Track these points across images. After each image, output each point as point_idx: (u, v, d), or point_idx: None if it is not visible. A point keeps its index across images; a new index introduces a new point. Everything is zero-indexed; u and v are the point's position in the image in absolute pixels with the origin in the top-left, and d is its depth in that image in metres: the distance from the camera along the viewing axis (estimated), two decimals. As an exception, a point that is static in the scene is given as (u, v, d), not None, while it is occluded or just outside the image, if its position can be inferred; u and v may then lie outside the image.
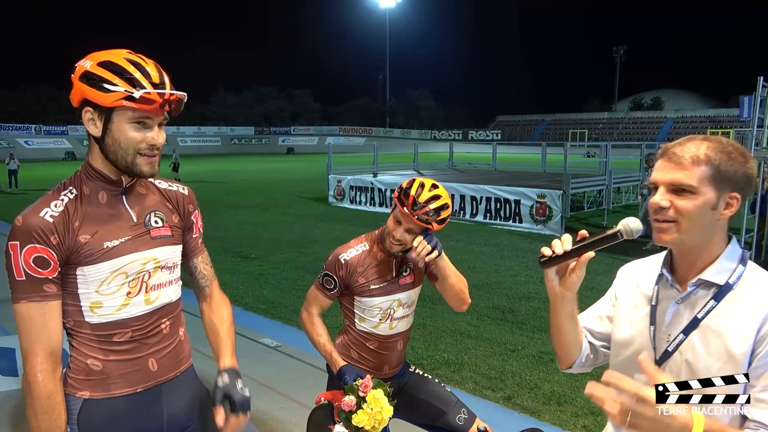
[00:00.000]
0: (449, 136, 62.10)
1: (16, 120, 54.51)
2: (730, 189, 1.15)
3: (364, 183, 14.52)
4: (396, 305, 2.14)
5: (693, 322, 1.18)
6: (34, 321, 1.34)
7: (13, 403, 3.73)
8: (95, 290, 1.40)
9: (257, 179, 23.27)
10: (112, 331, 1.43)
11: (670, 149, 1.18)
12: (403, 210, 1.97)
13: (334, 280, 2.11)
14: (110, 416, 1.44)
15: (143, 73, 1.35)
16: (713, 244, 1.19)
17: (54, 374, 1.36)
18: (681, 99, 75.25)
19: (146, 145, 1.38)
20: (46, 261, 1.33)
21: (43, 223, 1.33)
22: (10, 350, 4.60)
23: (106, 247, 1.39)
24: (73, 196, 1.40)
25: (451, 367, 4.37)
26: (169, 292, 1.53)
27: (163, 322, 1.52)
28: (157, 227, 1.50)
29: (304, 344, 4.79)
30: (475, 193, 11.92)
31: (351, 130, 69.41)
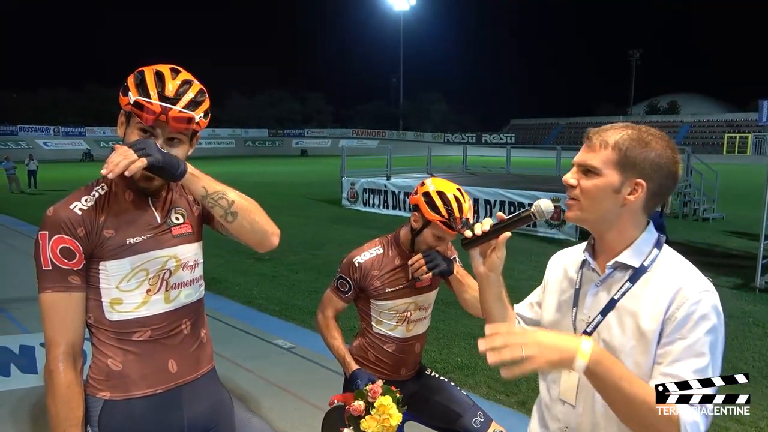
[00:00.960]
0: (463, 139, 61.95)
1: (35, 122, 55.37)
2: (636, 175, 1.18)
3: (377, 186, 14.54)
4: (412, 308, 2.15)
5: (610, 304, 1.22)
6: (58, 311, 1.37)
7: (32, 401, 3.79)
8: (116, 286, 1.42)
9: (270, 181, 23.39)
10: (132, 329, 1.45)
11: (591, 133, 1.24)
12: (450, 231, 1.99)
13: (349, 283, 2.12)
14: (130, 418, 1.44)
15: (159, 84, 1.37)
16: (623, 228, 1.22)
17: (74, 365, 1.39)
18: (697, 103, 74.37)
19: None
20: (72, 252, 1.37)
21: (72, 215, 1.38)
22: (30, 348, 4.67)
23: (129, 243, 1.42)
24: (103, 192, 1.45)
25: (465, 371, 4.36)
26: (190, 292, 1.54)
27: (184, 322, 1.53)
28: (177, 224, 1.52)
29: (318, 346, 4.80)
30: (489, 197, 11.89)
31: (364, 132, 69.51)
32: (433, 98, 79.32)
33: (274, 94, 74.06)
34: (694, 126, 58.82)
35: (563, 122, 68.87)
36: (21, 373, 4.20)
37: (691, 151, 15.09)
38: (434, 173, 17.24)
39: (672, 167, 1.19)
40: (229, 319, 5.43)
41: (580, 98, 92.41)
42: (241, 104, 68.95)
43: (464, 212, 1.98)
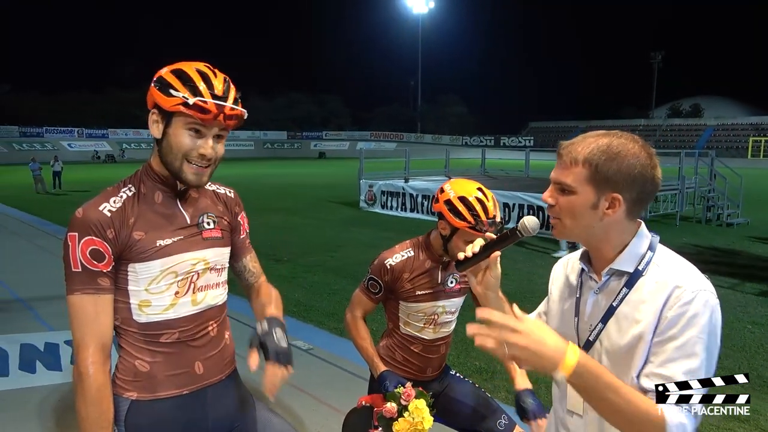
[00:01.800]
0: (481, 141, 61.69)
1: (61, 124, 56.50)
2: (611, 189, 1.16)
3: (395, 188, 14.55)
4: (440, 311, 2.15)
5: (609, 311, 1.21)
6: (87, 313, 1.37)
7: (57, 397, 3.86)
8: (145, 288, 1.43)
9: (289, 183, 23.55)
10: (160, 331, 1.45)
11: (561, 148, 1.22)
12: (479, 234, 1.92)
13: (379, 284, 2.13)
14: (156, 419, 1.46)
15: (207, 83, 1.39)
16: (610, 238, 1.21)
17: (104, 367, 1.39)
18: (721, 106, 73.04)
19: (197, 153, 1.41)
20: (102, 254, 1.37)
21: (101, 216, 1.38)
22: (55, 345, 4.77)
23: (159, 245, 1.42)
24: (131, 194, 1.45)
25: (483, 375, 4.34)
26: (216, 294, 1.55)
27: (210, 324, 1.54)
28: (209, 229, 1.53)
29: (336, 347, 4.84)
30: (508, 200, 11.82)
31: (382, 135, 69.62)
32: (451, 101, 79.16)
33: (292, 96, 74.55)
34: (718, 129, 57.79)
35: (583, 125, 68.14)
36: (46, 370, 4.30)
37: (714, 155, 14.83)
38: (453, 176, 17.18)
39: (648, 173, 1.17)
40: (247, 320, 5.47)
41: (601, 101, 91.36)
42: (260, 107, 69.53)
43: (489, 212, 1.96)
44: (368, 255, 9.03)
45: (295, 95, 75.22)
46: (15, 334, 4.99)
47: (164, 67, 1.44)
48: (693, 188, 13.95)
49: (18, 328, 5.26)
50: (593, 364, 1.08)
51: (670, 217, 13.21)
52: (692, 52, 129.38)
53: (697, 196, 14.23)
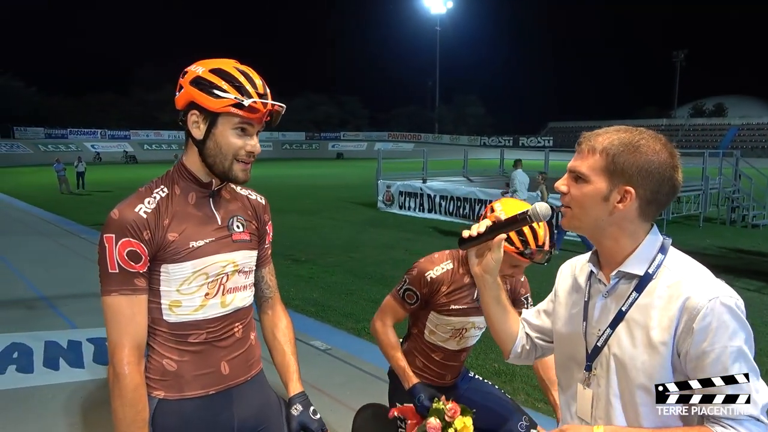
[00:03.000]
0: (499, 142, 61.28)
1: (84, 125, 57.57)
2: (624, 182, 1.13)
3: (413, 189, 14.53)
4: (470, 326, 2.12)
5: (618, 316, 1.18)
6: (124, 314, 1.38)
7: (81, 394, 3.92)
8: (176, 289, 1.44)
9: (307, 184, 23.66)
10: (188, 331, 1.47)
11: (582, 138, 1.20)
12: (526, 260, 1.90)
13: (417, 295, 2.07)
14: (182, 418, 1.47)
15: (251, 82, 1.40)
16: (618, 236, 1.18)
17: (139, 367, 1.40)
18: (746, 105, 71.58)
19: (245, 152, 1.43)
20: (138, 255, 1.38)
21: (138, 218, 1.38)
22: (77, 343, 4.85)
23: (192, 246, 1.43)
24: (164, 195, 1.45)
25: (503, 378, 4.31)
26: (244, 296, 1.56)
27: (236, 326, 1.55)
28: (238, 231, 1.54)
29: (354, 347, 4.84)
30: (528, 200, 11.70)
31: (400, 136, 69.59)
32: (469, 101, 78.79)
33: (311, 98, 74.90)
34: (743, 129, 56.65)
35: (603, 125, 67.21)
36: (69, 367, 4.38)
37: (740, 155, 14.53)
38: (471, 177, 17.11)
39: (667, 172, 1.13)
40: None
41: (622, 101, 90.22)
42: (279, 108, 69.85)
43: (540, 239, 1.88)
44: (386, 256, 9.08)
45: (314, 96, 75.55)
46: (39, 332, 5.09)
47: (193, 65, 1.43)
48: (717, 189, 13.69)
49: (42, 325, 5.36)
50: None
51: (693, 218, 12.98)
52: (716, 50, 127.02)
53: (721, 197, 13.95)
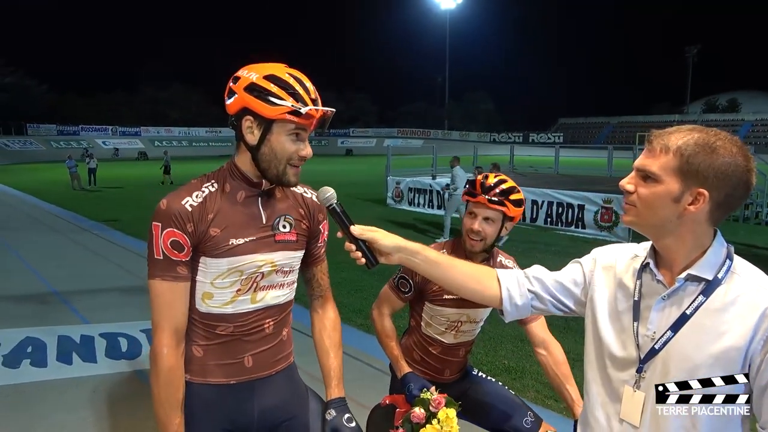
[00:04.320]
0: (509, 138, 61.07)
1: (96, 122, 58.02)
2: (698, 184, 1.11)
3: (422, 185, 14.52)
4: (464, 319, 2.11)
5: (681, 319, 1.15)
6: (165, 298, 1.45)
7: (92, 388, 3.96)
8: (210, 281, 1.49)
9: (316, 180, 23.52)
10: (217, 322, 1.51)
11: (652, 135, 1.18)
12: (473, 199, 1.95)
13: (410, 283, 2.10)
14: (205, 402, 1.53)
15: (304, 89, 1.43)
16: (684, 238, 1.16)
17: (177, 350, 1.47)
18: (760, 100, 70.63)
19: (298, 156, 1.47)
20: (181, 245, 1.44)
21: (183, 210, 1.43)
22: (90, 338, 4.90)
23: (231, 243, 1.47)
24: (214, 190, 1.49)
25: (512, 375, 4.30)
26: (278, 294, 1.58)
27: (267, 322, 1.58)
28: (284, 231, 1.56)
29: (364, 344, 4.84)
30: (536, 197, 11.68)
31: (409, 132, 69.53)
32: (479, 97, 78.57)
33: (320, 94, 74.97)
34: (757, 125, 56.02)
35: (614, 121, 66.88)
36: (82, 361, 4.43)
37: (753, 151, 14.36)
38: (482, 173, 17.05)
39: (742, 176, 1.10)
40: (302, 328, 5.52)
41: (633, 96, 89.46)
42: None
43: (487, 180, 1.98)
44: (395, 252, 9.01)
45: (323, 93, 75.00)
46: (53, 327, 5.15)
47: (243, 70, 1.45)
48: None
49: (55, 320, 5.42)
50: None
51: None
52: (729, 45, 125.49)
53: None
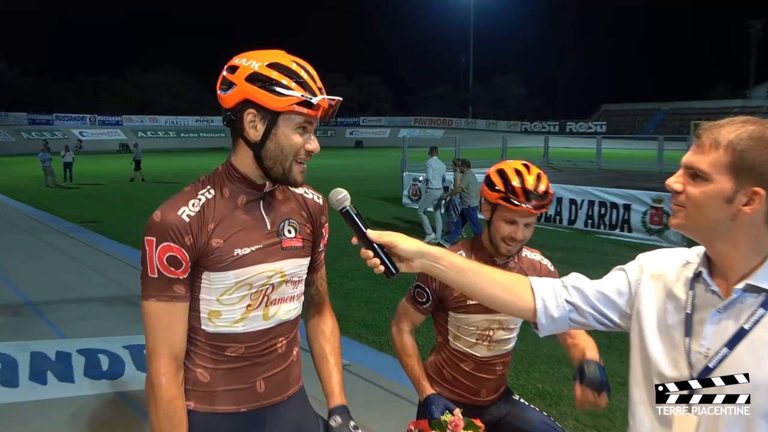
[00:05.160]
0: (543, 128, 60.80)
1: (73, 110, 58.66)
2: (753, 182, 1.11)
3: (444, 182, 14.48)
4: (496, 326, 2.12)
5: (739, 334, 1.15)
6: (161, 321, 1.47)
7: (70, 411, 4.01)
8: (216, 298, 1.51)
9: (321, 176, 23.74)
10: (226, 343, 1.53)
11: (701, 129, 1.19)
12: (516, 207, 1.96)
13: (427, 292, 2.12)
14: None
15: (311, 77, 1.45)
16: (739, 243, 1.16)
17: (176, 378, 1.48)
18: (837, 83, 69.61)
19: (305, 151, 1.49)
20: (179, 261, 1.45)
21: (180, 222, 1.44)
22: (67, 355, 4.97)
23: (237, 254, 1.49)
24: (211, 196, 1.51)
25: (548, 400, 4.28)
26: (289, 308, 1.62)
27: (280, 341, 1.61)
28: (290, 237, 1.59)
29: (376, 363, 4.86)
30: (575, 195, 11.62)
31: (428, 121, 69.54)
32: (508, 81, 78.38)
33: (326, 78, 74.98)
34: (833, 112, 55.15)
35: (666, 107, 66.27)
36: (58, 381, 4.49)
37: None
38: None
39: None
40: None
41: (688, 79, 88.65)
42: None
43: (527, 182, 1.95)
44: (412, 258, 8.99)
45: (330, 77, 76.00)
46: (25, 342, 5.23)
47: (240, 58, 1.46)
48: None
49: (28, 334, 5.50)
50: None
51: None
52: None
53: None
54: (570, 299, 1.39)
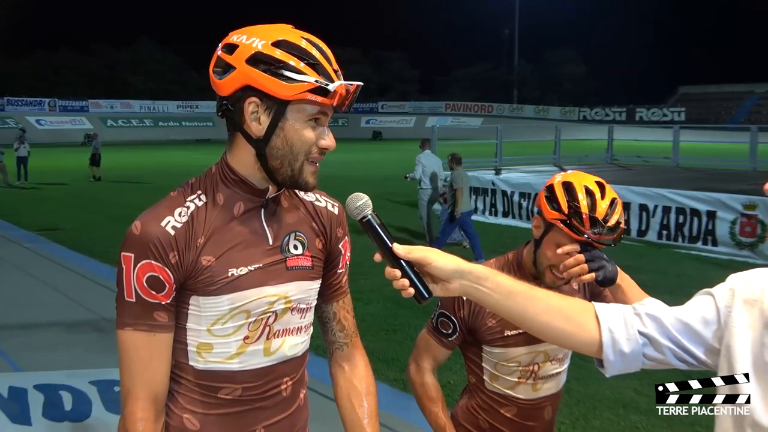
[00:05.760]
0: (606, 115, 60.50)
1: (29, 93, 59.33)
2: None
3: (481, 183, 14.54)
4: (541, 359, 2.13)
5: None
6: (139, 355, 1.46)
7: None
8: (207, 328, 1.51)
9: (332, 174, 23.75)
10: (220, 384, 1.53)
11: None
12: (576, 236, 1.93)
13: (453, 322, 2.12)
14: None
15: (326, 58, 1.45)
16: None
17: (156, 424, 1.49)
18: None
19: (317, 148, 1.49)
20: (161, 283, 1.45)
21: (164, 235, 1.44)
22: (22, 391, 5.04)
23: (231, 275, 1.49)
24: (201, 204, 1.51)
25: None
26: (296, 342, 1.62)
27: (284, 381, 1.61)
28: (295, 254, 1.59)
29: (398, 407, 4.85)
30: (647, 201, 11.55)
31: (463, 107, 69.57)
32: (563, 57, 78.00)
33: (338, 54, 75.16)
34: None
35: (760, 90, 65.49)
36: (10, 422, 4.55)
37: None
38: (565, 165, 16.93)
39: None
40: (326, 389, 5.54)
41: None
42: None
43: (598, 208, 1.92)
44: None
45: (342, 52, 76.36)
46: (-29, 375, 5.31)
47: (237, 34, 1.46)
48: None
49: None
50: None
51: None
52: None
53: None
54: (644, 330, 1.38)
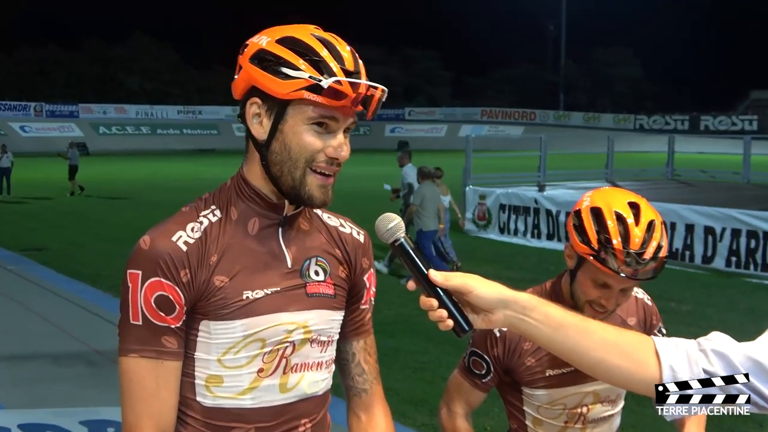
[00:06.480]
0: (666, 124, 60.11)
1: (11, 95, 59.97)
2: None
3: (522, 201, 14.52)
4: (590, 400, 2.14)
5: None
6: (145, 386, 1.46)
7: None
8: (217, 358, 1.51)
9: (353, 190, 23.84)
10: (229, 422, 1.53)
11: None
12: (610, 272, 1.91)
13: (487, 362, 2.13)
14: None
15: (335, 56, 1.45)
16: None
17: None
18: None
19: (324, 156, 1.47)
20: (171, 303, 1.46)
21: (175, 251, 1.46)
22: (4, 431, 5.08)
23: (246, 298, 1.49)
24: (215, 219, 1.53)
25: None
26: (316, 379, 1.62)
27: (303, 423, 1.61)
28: (317, 280, 1.60)
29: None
30: (713, 222, 11.47)
31: (501, 114, 69.45)
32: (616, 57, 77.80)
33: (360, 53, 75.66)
34: None
35: None
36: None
37: None
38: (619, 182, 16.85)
39: None
40: None
41: None
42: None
43: (632, 237, 1.90)
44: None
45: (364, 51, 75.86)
46: (-52, 413, 5.37)
47: (258, 35, 1.51)
48: None
49: (-48, 403, 5.64)
50: None
51: None
52: None
53: None
54: (710, 369, 1.38)
